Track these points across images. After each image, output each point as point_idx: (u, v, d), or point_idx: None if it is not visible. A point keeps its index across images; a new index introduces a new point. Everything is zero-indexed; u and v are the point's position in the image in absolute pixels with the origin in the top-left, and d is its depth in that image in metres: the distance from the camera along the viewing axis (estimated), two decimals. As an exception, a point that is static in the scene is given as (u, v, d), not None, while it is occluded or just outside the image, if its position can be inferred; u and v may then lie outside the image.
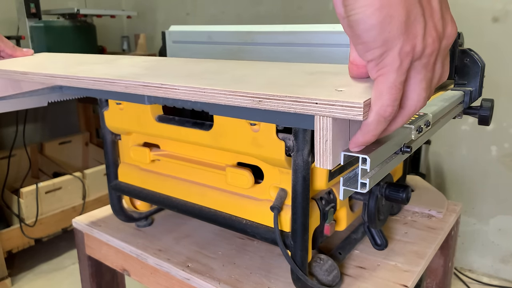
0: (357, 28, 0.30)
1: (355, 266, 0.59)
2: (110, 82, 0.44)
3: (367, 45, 0.30)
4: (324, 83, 0.36)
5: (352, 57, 0.37)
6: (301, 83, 0.37)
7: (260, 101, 0.34)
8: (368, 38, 0.30)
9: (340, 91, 0.34)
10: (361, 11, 0.29)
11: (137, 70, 0.47)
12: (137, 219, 0.72)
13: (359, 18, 0.30)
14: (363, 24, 0.30)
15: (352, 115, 0.31)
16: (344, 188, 0.38)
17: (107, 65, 0.53)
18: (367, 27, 0.30)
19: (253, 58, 0.80)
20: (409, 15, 0.29)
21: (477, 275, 1.63)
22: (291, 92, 0.34)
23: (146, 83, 0.41)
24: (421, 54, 0.31)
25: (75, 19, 1.77)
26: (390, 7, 0.29)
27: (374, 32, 0.29)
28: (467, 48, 0.61)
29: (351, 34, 0.31)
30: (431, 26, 0.31)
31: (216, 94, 0.36)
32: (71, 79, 0.47)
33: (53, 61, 0.59)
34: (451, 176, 1.63)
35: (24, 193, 1.58)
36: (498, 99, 1.20)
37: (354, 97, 0.32)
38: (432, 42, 0.31)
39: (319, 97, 0.32)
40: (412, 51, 0.30)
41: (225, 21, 2.06)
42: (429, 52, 0.31)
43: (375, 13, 0.29)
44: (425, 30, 0.30)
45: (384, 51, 0.30)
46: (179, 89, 0.39)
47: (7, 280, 1.55)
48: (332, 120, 0.33)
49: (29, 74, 0.51)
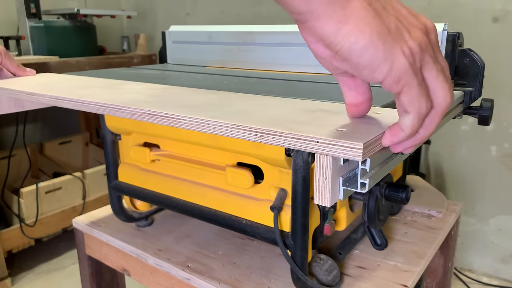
0: (351, 57, 0.30)
1: (355, 266, 0.59)
2: (116, 108, 0.45)
3: (371, 67, 0.30)
4: (325, 122, 0.37)
5: (348, 100, 0.38)
6: (302, 120, 0.38)
7: (263, 136, 0.35)
8: (367, 60, 0.30)
9: (341, 131, 0.34)
10: (345, 40, 0.29)
11: (142, 98, 0.48)
12: (137, 219, 0.72)
13: (347, 47, 0.30)
14: (355, 50, 0.30)
15: (352, 156, 0.32)
16: (344, 188, 0.38)
17: (113, 90, 0.54)
18: (360, 51, 0.30)
19: (253, 58, 0.80)
20: (389, 25, 0.30)
21: (477, 275, 1.64)
22: (293, 130, 0.34)
23: (152, 111, 0.42)
24: (420, 51, 0.31)
25: (75, 19, 1.77)
26: (369, 25, 0.29)
27: (369, 52, 0.30)
28: (467, 48, 0.61)
29: (350, 66, 0.31)
30: (411, 25, 0.32)
31: (220, 126, 0.37)
32: (77, 102, 0.48)
33: (57, 82, 0.61)
34: (451, 176, 1.63)
35: (24, 193, 1.58)
36: (498, 99, 1.20)
37: (355, 138, 0.32)
38: (421, 37, 0.32)
39: (320, 136, 0.33)
40: (412, 50, 0.31)
41: (225, 21, 2.06)
42: (425, 46, 0.32)
43: (360, 36, 0.29)
44: (409, 30, 0.31)
45: (391, 63, 0.30)
46: (184, 119, 0.39)
47: (7, 280, 1.55)
48: (332, 159, 0.34)
49: (35, 95, 0.52)
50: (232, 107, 0.44)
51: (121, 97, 0.49)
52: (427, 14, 1.53)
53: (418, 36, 0.31)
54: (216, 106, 0.44)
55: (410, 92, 0.31)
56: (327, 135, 0.33)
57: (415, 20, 0.32)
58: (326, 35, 0.30)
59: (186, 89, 0.56)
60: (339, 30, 0.29)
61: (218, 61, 0.85)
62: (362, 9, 0.29)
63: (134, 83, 0.60)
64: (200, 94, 0.51)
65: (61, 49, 1.70)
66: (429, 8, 1.53)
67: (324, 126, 0.36)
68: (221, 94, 0.52)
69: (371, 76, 0.31)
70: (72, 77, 0.67)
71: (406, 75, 0.31)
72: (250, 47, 0.80)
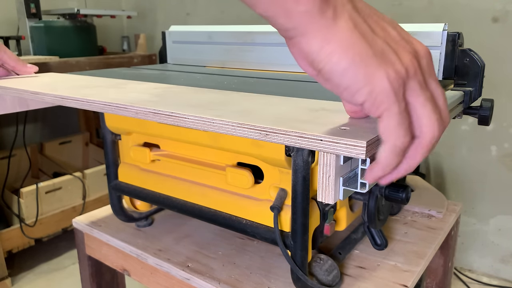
0: (332, 77, 0.30)
1: (355, 266, 0.59)
2: (121, 108, 0.45)
3: (351, 89, 0.30)
4: (328, 121, 0.37)
5: (346, 108, 0.38)
6: (306, 118, 0.38)
7: (267, 134, 0.35)
8: (347, 81, 0.29)
9: (344, 129, 0.35)
10: (328, 59, 0.29)
11: (146, 97, 0.48)
12: (137, 219, 0.72)
13: (329, 67, 0.29)
14: (336, 71, 0.29)
15: (355, 154, 0.32)
16: (344, 188, 0.38)
17: (117, 90, 0.54)
18: (341, 72, 0.29)
19: (253, 58, 0.80)
20: (374, 47, 0.29)
21: (477, 275, 1.64)
22: (297, 128, 0.34)
23: (156, 110, 0.42)
24: (407, 76, 0.30)
25: (75, 19, 1.77)
26: (354, 46, 0.29)
27: (350, 73, 0.29)
28: (467, 48, 0.61)
29: (332, 87, 0.31)
30: (400, 49, 0.31)
31: (225, 125, 0.37)
32: (82, 102, 0.48)
33: (61, 82, 0.61)
34: (451, 176, 1.63)
35: (24, 193, 1.58)
36: (498, 99, 1.20)
37: (358, 136, 0.33)
38: (410, 61, 0.30)
39: (324, 135, 0.33)
40: (397, 75, 0.29)
41: (225, 21, 2.06)
42: (413, 71, 0.30)
43: (342, 56, 0.29)
44: (397, 53, 0.30)
45: (372, 87, 0.29)
46: (188, 118, 0.40)
47: (7, 280, 1.55)
48: (336, 157, 0.35)
49: (40, 94, 0.53)
50: (235, 106, 0.44)
51: (125, 96, 0.49)
52: (427, 14, 1.53)
53: (406, 60, 0.30)
54: (220, 105, 0.44)
55: (388, 120, 0.30)
56: (331, 133, 0.33)
57: (406, 44, 0.31)
58: (310, 52, 0.30)
59: (189, 88, 0.56)
60: (322, 48, 0.29)
61: (218, 61, 0.85)
62: (347, 30, 0.29)
63: (136, 83, 0.60)
64: (204, 93, 0.52)
65: (61, 49, 1.70)
66: (429, 8, 1.53)
67: (327, 124, 0.36)
68: (224, 93, 0.52)
69: (351, 98, 0.30)
70: (75, 77, 0.67)
71: (387, 100, 0.29)
72: (250, 47, 0.80)
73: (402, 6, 1.58)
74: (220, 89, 0.55)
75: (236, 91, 0.53)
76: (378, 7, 0.34)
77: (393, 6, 1.60)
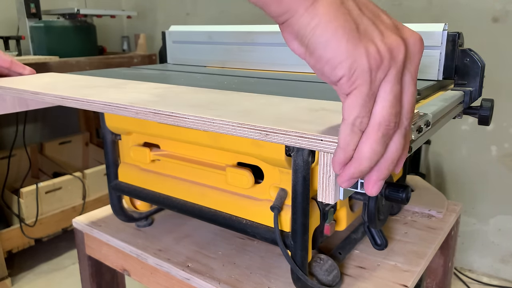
0: (316, 49, 0.30)
1: (355, 266, 0.59)
2: (121, 108, 0.45)
3: (333, 61, 0.30)
4: (328, 121, 0.38)
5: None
6: (306, 118, 0.38)
7: (268, 134, 0.35)
8: (330, 53, 0.30)
9: None
10: (313, 32, 0.30)
11: (146, 97, 0.48)
12: (137, 219, 0.72)
13: (314, 40, 0.30)
14: (319, 43, 0.30)
15: None
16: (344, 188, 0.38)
17: (117, 90, 0.54)
18: (324, 43, 0.30)
19: (253, 58, 0.80)
20: (359, 24, 0.30)
21: (477, 275, 1.64)
22: (297, 128, 0.35)
23: (156, 110, 0.42)
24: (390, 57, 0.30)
25: (75, 19, 1.77)
26: (337, 19, 0.29)
27: (332, 45, 0.29)
28: (467, 48, 0.61)
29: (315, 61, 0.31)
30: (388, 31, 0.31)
31: (225, 125, 0.38)
32: (82, 102, 0.48)
33: (61, 82, 0.61)
34: (451, 176, 1.63)
35: (24, 193, 1.58)
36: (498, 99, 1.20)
37: None
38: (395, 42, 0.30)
39: (324, 135, 0.33)
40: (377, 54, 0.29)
41: (225, 21, 2.06)
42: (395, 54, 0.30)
43: (325, 29, 0.29)
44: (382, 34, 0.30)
45: (352, 60, 0.29)
46: (189, 118, 0.40)
47: (7, 280, 1.55)
48: None
49: (40, 94, 0.53)
50: (236, 106, 0.44)
51: (126, 96, 0.49)
52: (427, 14, 1.53)
53: (391, 41, 0.30)
54: (220, 105, 0.44)
55: (355, 98, 0.30)
56: (331, 133, 0.33)
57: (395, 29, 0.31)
58: (299, 29, 0.31)
59: (189, 88, 0.56)
60: (309, 23, 0.30)
61: (218, 61, 0.85)
62: (332, 4, 0.30)
63: (136, 83, 0.60)
64: (204, 93, 0.52)
65: (61, 49, 1.70)
66: (429, 8, 1.53)
67: (327, 124, 0.36)
68: (224, 93, 0.52)
69: (332, 73, 0.30)
70: (75, 77, 0.67)
71: (362, 77, 0.29)
72: (250, 47, 0.80)
73: (402, 6, 1.58)
74: (220, 89, 0.55)
75: (236, 91, 0.53)
76: (378, 7, 0.34)
77: (393, 6, 1.60)
